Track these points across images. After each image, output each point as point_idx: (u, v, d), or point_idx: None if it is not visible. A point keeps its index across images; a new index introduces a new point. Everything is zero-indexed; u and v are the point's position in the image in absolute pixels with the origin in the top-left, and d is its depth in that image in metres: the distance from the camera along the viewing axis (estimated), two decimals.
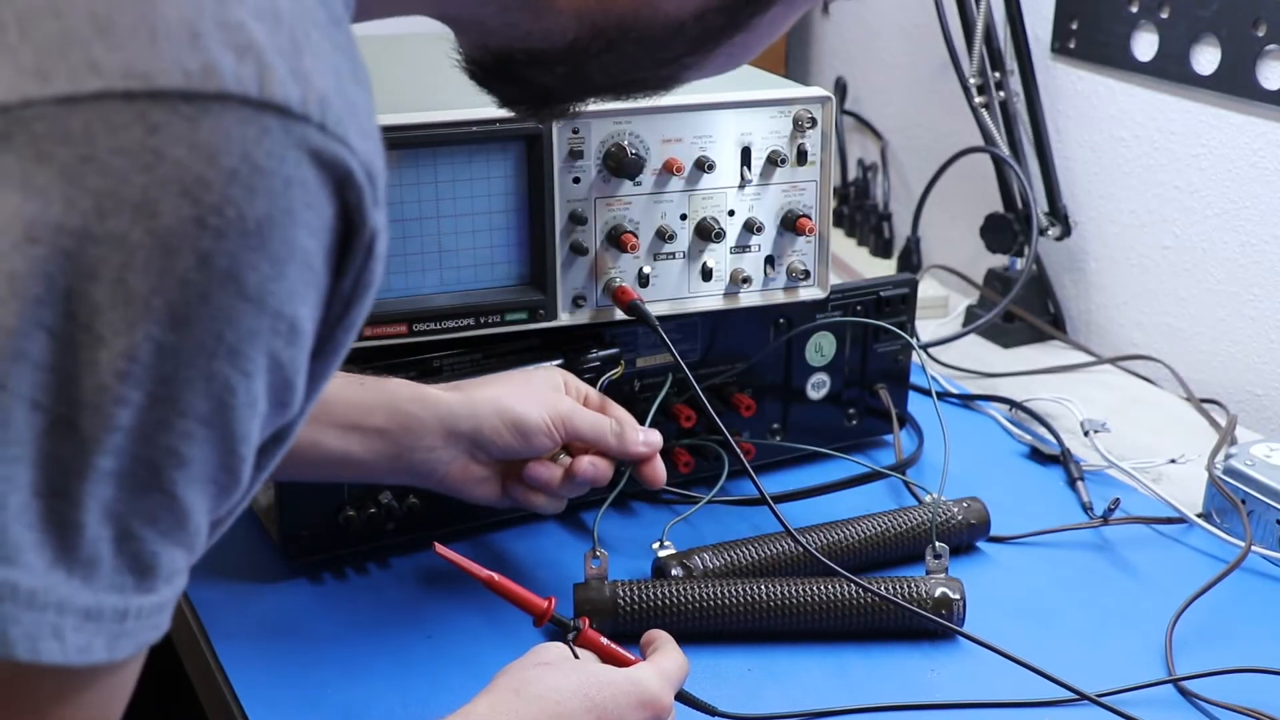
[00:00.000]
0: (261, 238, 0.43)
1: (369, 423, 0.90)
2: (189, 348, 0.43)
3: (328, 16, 0.47)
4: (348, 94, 0.46)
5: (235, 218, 0.42)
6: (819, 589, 0.95)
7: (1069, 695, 0.88)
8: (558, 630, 0.87)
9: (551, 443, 0.94)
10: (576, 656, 0.81)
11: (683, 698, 0.85)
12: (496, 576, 0.87)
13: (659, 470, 0.98)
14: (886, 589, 0.95)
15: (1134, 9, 1.44)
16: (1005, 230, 1.54)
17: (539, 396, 0.94)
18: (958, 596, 0.95)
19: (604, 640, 0.85)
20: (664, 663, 0.83)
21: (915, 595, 0.95)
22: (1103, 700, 0.88)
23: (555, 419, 0.93)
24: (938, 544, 0.99)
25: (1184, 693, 0.91)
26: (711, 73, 0.65)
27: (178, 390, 0.44)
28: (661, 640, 0.86)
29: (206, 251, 0.42)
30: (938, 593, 0.95)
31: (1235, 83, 1.34)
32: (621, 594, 0.93)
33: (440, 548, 0.86)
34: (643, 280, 1.04)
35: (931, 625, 0.95)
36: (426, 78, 1.16)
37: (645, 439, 0.97)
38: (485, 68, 0.64)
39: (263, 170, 0.42)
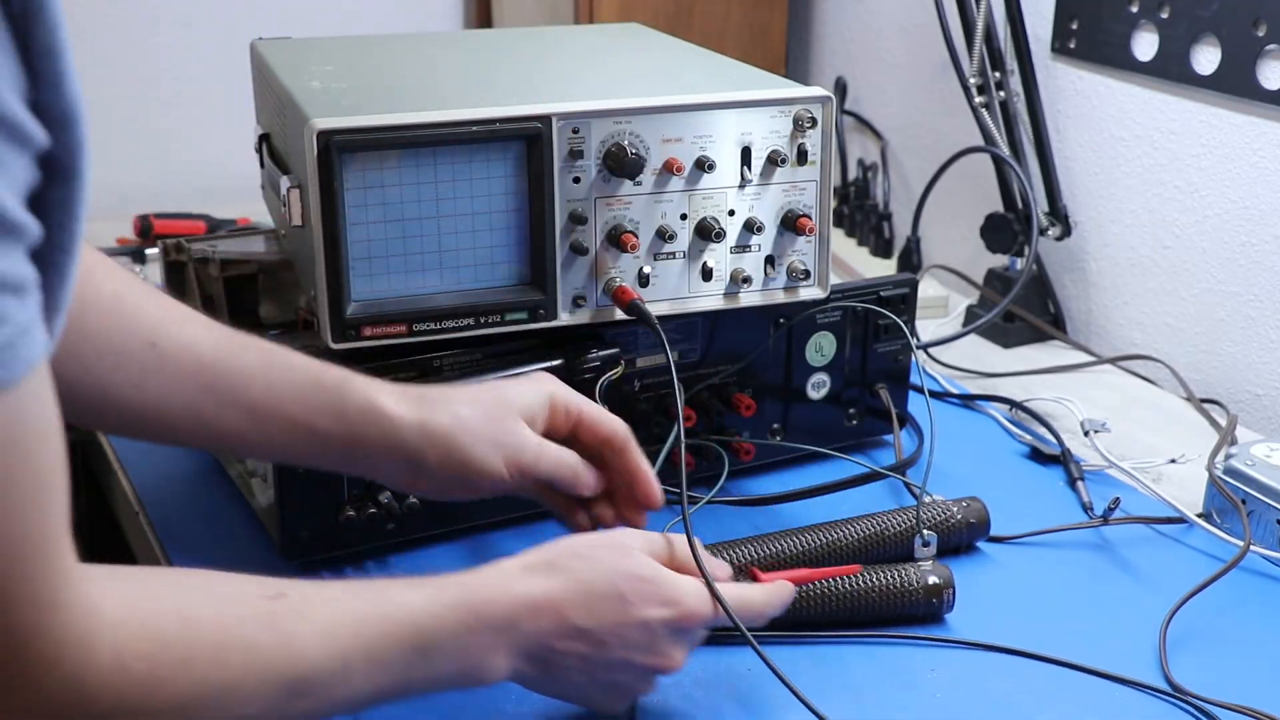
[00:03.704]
0: None
1: (316, 424, 0.86)
2: None
3: None
4: None
5: None
6: (815, 582, 0.95)
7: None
8: None
9: (506, 485, 0.89)
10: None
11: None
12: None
13: (645, 499, 0.93)
14: (876, 578, 0.96)
15: (1134, 9, 1.44)
16: (1005, 230, 1.54)
17: (497, 433, 0.87)
18: (947, 584, 0.97)
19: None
20: (732, 588, 0.84)
21: (905, 584, 0.96)
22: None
23: (511, 464, 0.87)
24: (925, 532, 1.00)
25: (1181, 691, 0.91)
26: None
27: None
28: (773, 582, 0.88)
29: None
30: (929, 580, 0.96)
31: (1235, 83, 1.34)
32: None
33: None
34: (643, 280, 1.04)
35: (922, 612, 0.97)
36: (426, 78, 1.16)
37: (590, 482, 0.92)
38: None
39: None
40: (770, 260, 1.08)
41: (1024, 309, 1.54)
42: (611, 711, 0.84)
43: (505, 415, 0.88)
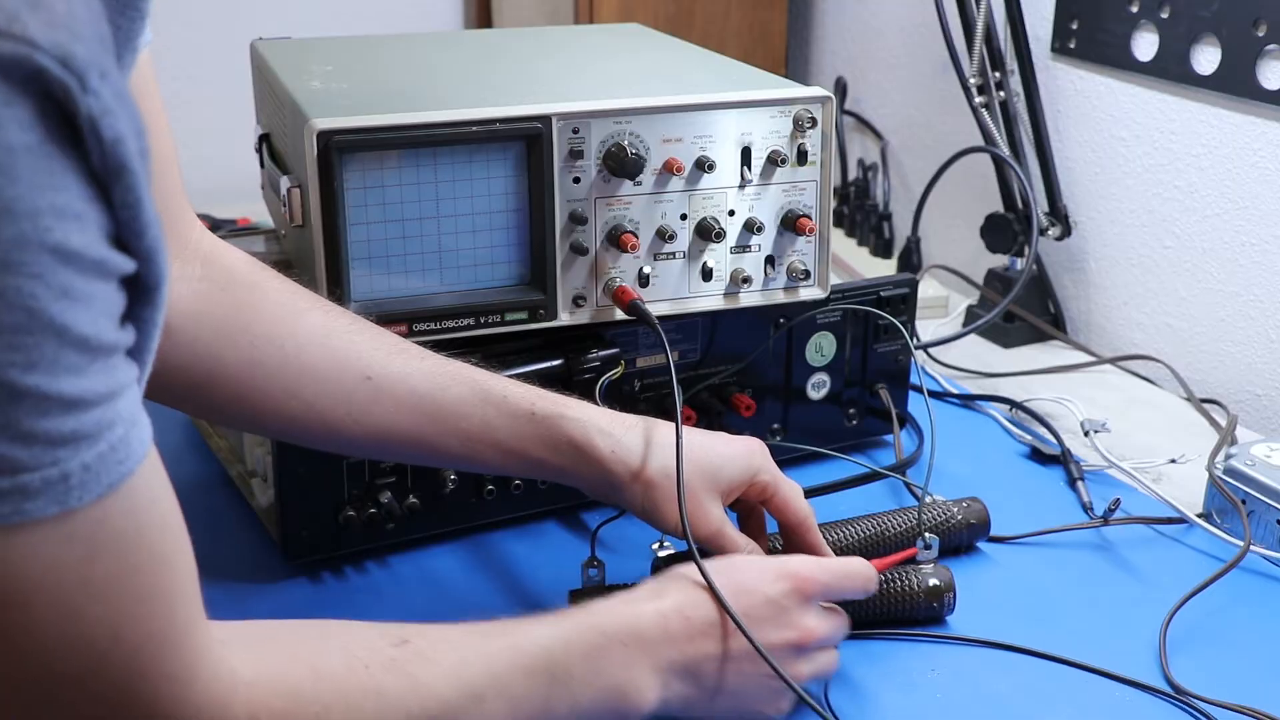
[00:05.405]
0: None
1: (530, 452, 0.90)
2: None
3: None
4: None
5: None
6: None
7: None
8: None
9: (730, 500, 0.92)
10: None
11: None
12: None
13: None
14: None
15: (1134, 9, 1.44)
16: (1005, 230, 1.54)
17: (689, 504, 0.89)
18: (948, 586, 0.97)
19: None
20: (837, 560, 0.89)
21: (906, 586, 0.96)
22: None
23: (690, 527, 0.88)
24: (927, 535, 1.00)
25: (1181, 691, 0.91)
26: None
27: None
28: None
29: None
30: (930, 583, 0.96)
31: (1235, 83, 1.34)
32: None
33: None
34: (643, 280, 1.04)
35: (923, 614, 0.97)
36: (426, 78, 1.16)
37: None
38: None
39: None
40: (770, 260, 1.08)
41: (1024, 309, 1.54)
42: (781, 715, 0.84)
43: (702, 489, 0.90)
